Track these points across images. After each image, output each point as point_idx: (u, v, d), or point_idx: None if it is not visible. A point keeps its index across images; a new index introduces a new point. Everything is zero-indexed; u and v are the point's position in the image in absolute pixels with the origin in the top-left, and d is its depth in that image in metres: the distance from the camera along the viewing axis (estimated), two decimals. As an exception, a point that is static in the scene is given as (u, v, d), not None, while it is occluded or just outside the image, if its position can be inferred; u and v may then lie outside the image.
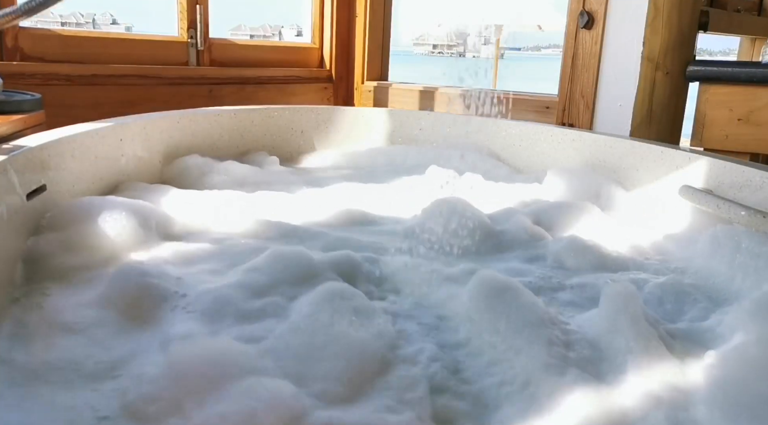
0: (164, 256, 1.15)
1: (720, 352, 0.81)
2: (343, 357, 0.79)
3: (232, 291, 0.97)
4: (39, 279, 1.02)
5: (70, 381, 0.76)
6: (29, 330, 0.87)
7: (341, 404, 0.73)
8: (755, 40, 3.35)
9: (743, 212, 1.23)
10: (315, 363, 0.78)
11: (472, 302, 0.93)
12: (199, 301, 0.95)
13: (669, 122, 2.04)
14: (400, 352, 0.86)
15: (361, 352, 0.81)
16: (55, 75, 2.06)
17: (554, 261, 1.28)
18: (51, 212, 1.17)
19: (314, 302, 0.89)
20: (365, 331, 0.86)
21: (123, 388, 0.73)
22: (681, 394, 0.77)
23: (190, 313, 0.93)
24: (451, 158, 2.10)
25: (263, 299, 0.97)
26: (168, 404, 0.68)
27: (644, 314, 0.90)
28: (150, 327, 0.90)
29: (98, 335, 0.87)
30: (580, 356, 0.82)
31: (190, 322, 0.90)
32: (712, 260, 1.24)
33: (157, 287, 0.98)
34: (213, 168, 1.78)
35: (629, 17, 2.06)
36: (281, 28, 68.24)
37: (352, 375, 0.77)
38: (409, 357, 0.85)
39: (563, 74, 2.26)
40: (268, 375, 0.73)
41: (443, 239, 1.35)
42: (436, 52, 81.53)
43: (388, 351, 0.84)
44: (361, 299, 0.93)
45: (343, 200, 1.62)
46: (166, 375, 0.71)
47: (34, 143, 1.25)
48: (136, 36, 2.42)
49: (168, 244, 1.22)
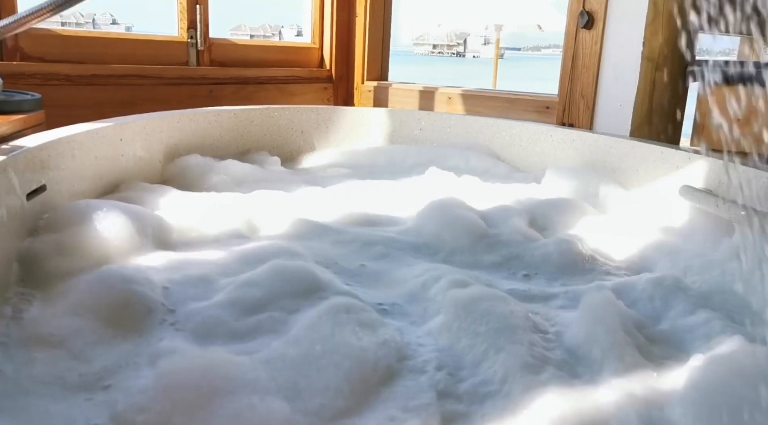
0: (156, 264, 1.12)
1: (703, 356, 0.81)
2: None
3: (223, 311, 0.94)
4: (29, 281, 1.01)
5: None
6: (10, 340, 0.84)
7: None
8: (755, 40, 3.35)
9: (743, 212, 1.23)
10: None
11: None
12: (189, 320, 0.92)
13: (669, 122, 2.04)
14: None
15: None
16: (55, 75, 2.06)
17: (549, 262, 1.28)
18: (48, 214, 1.16)
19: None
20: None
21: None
22: (657, 396, 0.77)
23: (180, 331, 0.90)
24: (451, 158, 2.10)
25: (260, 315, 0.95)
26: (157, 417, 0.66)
27: (622, 321, 0.91)
28: (137, 338, 0.87)
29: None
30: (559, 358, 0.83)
31: (178, 339, 0.87)
32: (713, 259, 1.24)
33: (144, 296, 0.94)
34: (213, 168, 1.78)
35: (629, 17, 2.06)
36: (281, 28, 68.21)
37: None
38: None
39: (563, 74, 2.26)
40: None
41: (436, 239, 1.36)
42: (436, 52, 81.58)
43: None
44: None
45: (343, 201, 1.62)
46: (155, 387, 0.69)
47: (34, 143, 1.25)
48: (136, 36, 2.42)
49: (162, 252, 1.19)
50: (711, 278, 1.18)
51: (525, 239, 1.38)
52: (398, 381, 0.80)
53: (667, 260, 1.28)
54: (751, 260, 1.15)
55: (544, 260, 1.28)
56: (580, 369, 0.84)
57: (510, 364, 0.80)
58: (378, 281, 1.16)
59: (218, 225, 1.36)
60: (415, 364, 0.84)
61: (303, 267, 1.07)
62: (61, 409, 0.71)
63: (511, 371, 0.79)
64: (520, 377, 0.78)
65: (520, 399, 0.75)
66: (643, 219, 1.48)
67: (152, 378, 0.72)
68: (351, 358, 0.79)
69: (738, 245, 1.21)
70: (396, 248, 1.32)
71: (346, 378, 0.76)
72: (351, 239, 1.35)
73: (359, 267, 1.21)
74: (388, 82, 2.93)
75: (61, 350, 0.83)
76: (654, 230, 1.41)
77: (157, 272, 1.06)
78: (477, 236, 1.36)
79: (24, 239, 1.10)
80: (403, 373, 0.82)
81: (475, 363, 0.84)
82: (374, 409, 0.74)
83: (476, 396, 0.78)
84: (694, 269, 1.23)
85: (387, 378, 0.80)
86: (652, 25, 1.99)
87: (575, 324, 0.94)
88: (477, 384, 0.80)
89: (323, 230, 1.38)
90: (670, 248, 1.33)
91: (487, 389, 0.79)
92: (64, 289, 0.97)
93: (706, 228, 1.36)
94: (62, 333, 0.86)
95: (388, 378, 0.80)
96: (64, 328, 0.86)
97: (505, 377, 0.79)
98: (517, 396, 0.75)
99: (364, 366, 0.79)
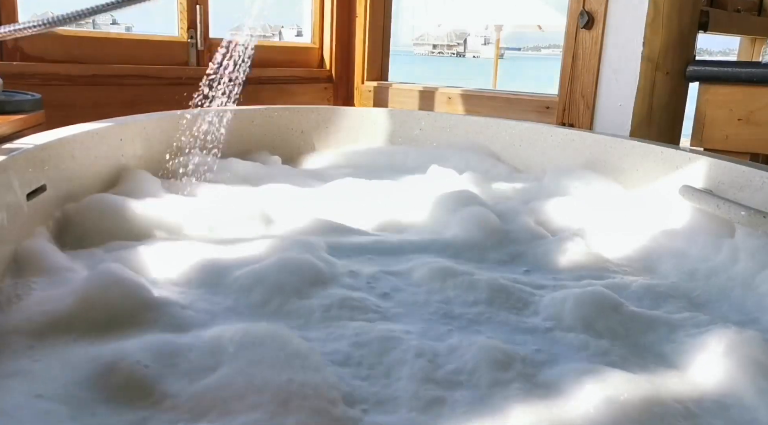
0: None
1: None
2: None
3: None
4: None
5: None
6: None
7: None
8: (755, 40, 3.35)
9: (743, 212, 1.23)
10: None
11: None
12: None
13: (669, 122, 2.04)
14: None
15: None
16: (55, 75, 2.06)
17: (548, 262, 1.28)
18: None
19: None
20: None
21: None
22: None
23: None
24: (452, 158, 2.10)
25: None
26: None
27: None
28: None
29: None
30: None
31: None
32: (712, 260, 1.24)
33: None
34: (214, 167, 1.78)
35: (629, 17, 2.06)
36: (281, 28, 68.20)
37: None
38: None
39: (563, 74, 2.26)
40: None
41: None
42: (436, 52, 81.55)
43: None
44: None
45: (343, 201, 1.62)
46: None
47: (34, 143, 1.25)
48: (136, 36, 2.42)
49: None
50: (710, 279, 1.18)
51: (528, 238, 1.38)
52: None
53: (666, 259, 1.28)
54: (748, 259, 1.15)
55: (544, 259, 1.29)
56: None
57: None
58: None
59: (216, 222, 1.37)
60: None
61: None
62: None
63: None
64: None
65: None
66: (643, 219, 1.48)
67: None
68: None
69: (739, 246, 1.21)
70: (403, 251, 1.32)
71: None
72: (354, 238, 1.35)
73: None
74: (388, 82, 2.93)
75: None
76: (654, 230, 1.41)
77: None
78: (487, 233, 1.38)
79: (23, 240, 1.10)
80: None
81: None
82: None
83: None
84: (694, 269, 1.23)
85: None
86: (652, 25, 1.99)
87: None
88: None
89: (323, 232, 1.38)
90: (669, 249, 1.33)
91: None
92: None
93: (706, 228, 1.36)
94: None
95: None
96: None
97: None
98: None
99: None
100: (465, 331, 0.96)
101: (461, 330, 0.96)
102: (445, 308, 1.03)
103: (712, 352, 0.87)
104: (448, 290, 1.09)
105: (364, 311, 0.99)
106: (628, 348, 0.92)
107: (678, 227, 1.39)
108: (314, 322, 0.95)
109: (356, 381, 0.80)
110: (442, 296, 1.08)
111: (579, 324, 0.97)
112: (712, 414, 0.76)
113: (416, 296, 1.07)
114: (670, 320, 1.00)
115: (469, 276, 1.12)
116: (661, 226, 1.41)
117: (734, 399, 0.79)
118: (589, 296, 1.01)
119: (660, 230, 1.40)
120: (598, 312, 0.98)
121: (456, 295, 1.08)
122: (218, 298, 1.02)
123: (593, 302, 1.00)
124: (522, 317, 1.02)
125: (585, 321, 0.97)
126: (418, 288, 1.11)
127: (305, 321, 0.95)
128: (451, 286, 1.10)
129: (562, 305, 1.01)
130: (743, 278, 1.15)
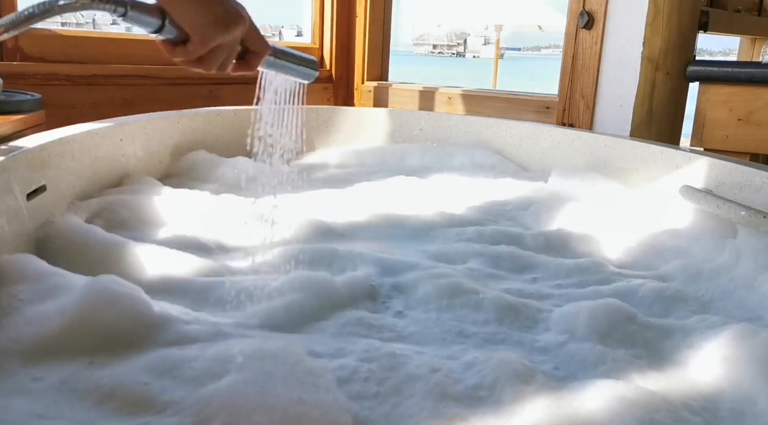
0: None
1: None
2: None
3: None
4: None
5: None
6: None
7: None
8: (755, 40, 3.35)
9: (743, 212, 1.23)
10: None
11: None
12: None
13: (669, 122, 2.04)
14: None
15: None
16: (55, 75, 2.06)
17: (548, 262, 1.28)
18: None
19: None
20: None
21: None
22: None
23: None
24: (451, 158, 2.10)
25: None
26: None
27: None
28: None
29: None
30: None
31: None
32: (712, 260, 1.24)
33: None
34: (215, 166, 1.78)
35: (629, 17, 2.06)
36: (281, 28, 68.01)
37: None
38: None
39: (563, 74, 2.26)
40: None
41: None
42: (436, 52, 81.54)
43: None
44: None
45: (343, 201, 1.62)
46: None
47: (34, 143, 1.25)
48: (136, 36, 2.42)
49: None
50: (712, 279, 1.18)
51: (526, 237, 1.38)
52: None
53: (665, 260, 1.28)
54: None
55: (544, 258, 1.29)
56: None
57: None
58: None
59: (215, 223, 1.37)
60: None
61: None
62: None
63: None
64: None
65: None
66: (645, 219, 1.48)
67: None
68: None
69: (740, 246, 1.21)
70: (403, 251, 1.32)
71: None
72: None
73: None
74: (388, 82, 2.93)
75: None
76: (656, 230, 1.41)
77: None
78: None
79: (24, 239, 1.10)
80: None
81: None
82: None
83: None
84: (693, 270, 1.23)
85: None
86: (652, 25, 1.99)
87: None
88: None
89: (323, 232, 1.38)
90: (673, 249, 1.33)
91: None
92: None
93: (707, 229, 1.36)
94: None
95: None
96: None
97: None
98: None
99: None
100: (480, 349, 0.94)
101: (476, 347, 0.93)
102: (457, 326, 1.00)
103: (730, 357, 0.86)
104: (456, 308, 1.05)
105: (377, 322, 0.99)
106: (646, 358, 0.91)
107: (681, 228, 1.39)
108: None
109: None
110: (452, 314, 1.03)
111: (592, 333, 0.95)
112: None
113: (428, 318, 1.03)
114: (684, 325, 0.99)
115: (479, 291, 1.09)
116: (665, 226, 1.41)
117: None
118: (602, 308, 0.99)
119: (663, 230, 1.40)
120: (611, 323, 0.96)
121: (464, 314, 1.03)
122: (222, 311, 1.00)
123: (606, 313, 0.98)
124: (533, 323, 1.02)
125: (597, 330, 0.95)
126: (426, 305, 1.06)
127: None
128: (459, 305, 1.06)
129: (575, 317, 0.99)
130: (746, 278, 1.14)
